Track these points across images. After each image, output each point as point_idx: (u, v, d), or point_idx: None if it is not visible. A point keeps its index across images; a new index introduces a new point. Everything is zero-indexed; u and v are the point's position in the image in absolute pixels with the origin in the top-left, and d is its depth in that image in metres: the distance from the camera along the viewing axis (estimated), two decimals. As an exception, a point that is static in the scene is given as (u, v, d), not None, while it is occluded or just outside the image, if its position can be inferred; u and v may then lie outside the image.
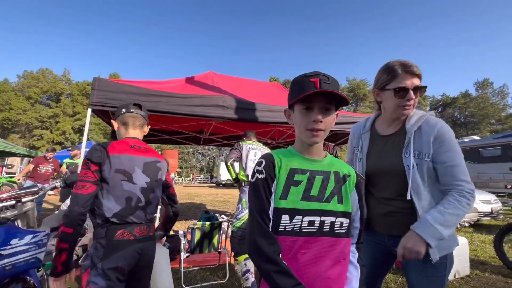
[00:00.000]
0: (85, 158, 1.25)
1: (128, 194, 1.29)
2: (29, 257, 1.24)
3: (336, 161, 0.94)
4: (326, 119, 0.84)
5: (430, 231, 1.00)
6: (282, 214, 0.82)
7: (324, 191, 0.85)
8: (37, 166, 5.61)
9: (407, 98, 1.09)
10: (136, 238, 1.29)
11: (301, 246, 0.81)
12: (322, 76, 0.82)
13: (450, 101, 45.99)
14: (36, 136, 40.31)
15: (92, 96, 2.84)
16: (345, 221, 0.86)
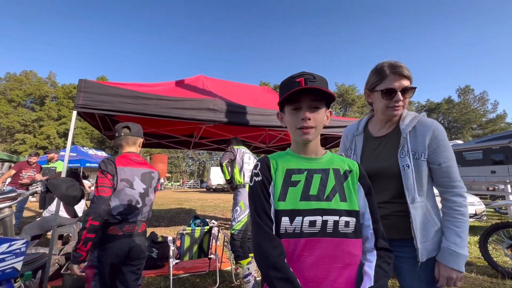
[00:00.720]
0: (101, 169, 1.64)
1: (130, 197, 1.70)
2: (5, 267, 1.16)
3: (336, 158, 0.91)
4: (315, 116, 0.84)
5: (457, 259, 1.02)
6: (282, 216, 0.81)
7: (324, 190, 0.83)
8: (19, 172, 5.37)
9: (395, 100, 1.10)
10: (124, 233, 1.65)
11: (304, 248, 0.78)
12: (307, 75, 0.83)
13: (434, 106, 47.64)
14: (18, 140, 38.73)
15: (78, 98, 2.75)
16: (351, 220, 0.81)
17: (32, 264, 2.48)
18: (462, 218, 1.06)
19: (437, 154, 1.08)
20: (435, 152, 1.08)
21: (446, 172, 1.08)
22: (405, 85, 1.09)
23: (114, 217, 1.63)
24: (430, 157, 1.09)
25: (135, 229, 1.72)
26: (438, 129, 1.10)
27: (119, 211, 1.65)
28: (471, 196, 6.54)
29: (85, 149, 14.35)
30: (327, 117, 0.90)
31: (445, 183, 1.09)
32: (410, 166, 1.08)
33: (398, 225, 1.12)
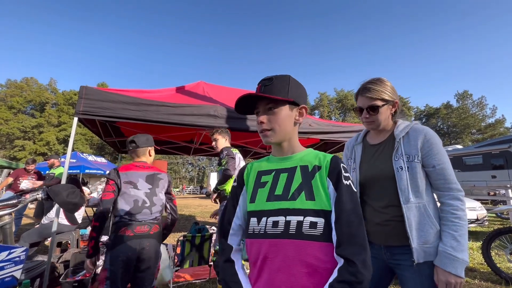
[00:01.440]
0: (106, 178, 1.81)
1: (135, 197, 1.80)
2: (4, 276, 1.15)
3: (310, 155, 0.87)
4: (271, 118, 0.85)
5: (456, 263, 1.01)
6: (251, 217, 0.83)
7: (289, 189, 0.81)
8: (17, 179, 5.31)
9: (363, 116, 1.26)
10: (135, 234, 1.72)
11: (269, 251, 0.76)
12: (266, 80, 0.86)
13: (433, 111, 47.86)
14: (18, 147, 38.67)
15: (79, 104, 2.77)
16: (318, 221, 0.74)
17: (30, 272, 2.45)
18: (459, 221, 1.06)
19: (430, 157, 1.12)
20: (428, 155, 1.12)
21: (441, 174, 1.11)
22: (370, 104, 1.22)
23: (122, 218, 1.73)
24: (424, 160, 1.13)
25: (147, 230, 1.77)
26: (430, 133, 1.15)
27: (126, 211, 1.75)
28: (472, 201, 6.51)
29: (84, 155, 14.31)
30: (300, 114, 0.89)
31: (441, 185, 1.11)
32: (403, 168, 1.13)
33: (398, 232, 1.12)
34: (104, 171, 13.95)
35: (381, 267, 1.22)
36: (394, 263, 1.16)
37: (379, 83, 1.23)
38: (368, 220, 1.23)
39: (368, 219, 1.23)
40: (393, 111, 1.26)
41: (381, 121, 1.23)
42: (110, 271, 1.62)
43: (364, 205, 1.25)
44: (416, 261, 1.07)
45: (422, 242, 1.08)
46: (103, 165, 14.64)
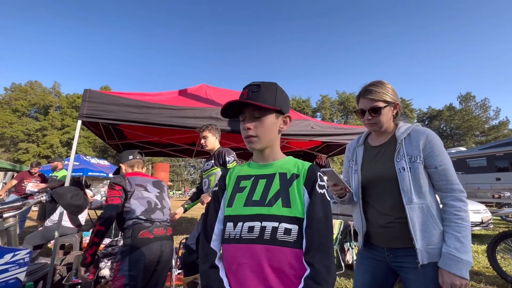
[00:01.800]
0: (110, 184, 1.77)
1: (148, 199, 1.84)
2: (8, 278, 1.16)
3: (289, 162, 0.89)
4: (257, 125, 0.85)
5: (460, 265, 1.00)
6: (227, 222, 0.84)
7: (266, 195, 0.82)
8: (21, 182, 5.33)
9: (365, 118, 1.26)
10: (155, 236, 1.70)
11: (243, 255, 0.77)
12: (253, 86, 0.86)
13: (436, 113, 47.64)
14: (22, 149, 38.99)
15: (83, 108, 2.79)
16: (293, 228, 0.76)
17: (33, 275, 2.46)
18: (462, 222, 1.05)
19: (432, 158, 1.12)
20: (430, 156, 1.13)
21: (443, 175, 1.11)
22: (372, 106, 1.23)
23: (138, 219, 1.71)
24: (426, 161, 1.14)
25: (164, 233, 1.78)
26: (431, 135, 1.16)
27: (142, 211, 1.75)
28: (477, 203, 6.44)
29: (87, 158, 14.41)
30: (284, 122, 0.91)
31: (443, 186, 1.11)
32: (405, 168, 1.13)
33: (401, 233, 1.12)
34: (107, 174, 14.01)
35: (384, 269, 1.21)
36: (398, 266, 1.16)
37: (380, 85, 1.24)
38: (371, 222, 1.22)
39: (370, 221, 1.23)
40: (394, 112, 1.27)
41: (383, 122, 1.24)
42: (129, 276, 1.53)
43: (367, 207, 1.25)
44: (421, 262, 1.06)
45: (426, 243, 1.07)
46: (106, 168, 14.71)
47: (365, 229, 1.24)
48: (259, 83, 0.86)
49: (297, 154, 6.66)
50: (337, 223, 3.98)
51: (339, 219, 4.42)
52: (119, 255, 1.61)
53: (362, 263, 1.29)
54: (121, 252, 1.60)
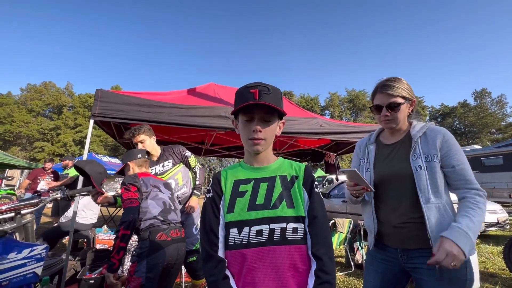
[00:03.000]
0: (125, 185, 1.73)
1: (163, 200, 1.85)
2: (27, 272, 1.20)
3: (285, 164, 0.93)
4: (266, 129, 0.86)
5: (466, 240, 0.97)
6: (231, 228, 0.82)
7: (270, 198, 0.84)
8: (35, 179, 5.48)
9: (382, 114, 1.22)
10: (172, 238, 1.69)
11: (254, 259, 0.78)
12: (262, 87, 0.84)
13: (449, 111, 46.28)
14: (37, 148, 40.33)
15: (95, 107, 2.85)
16: (299, 227, 0.82)
17: (49, 269, 2.54)
18: (479, 210, 1.03)
19: (450, 157, 1.11)
20: (447, 155, 1.11)
21: (461, 174, 1.09)
22: (390, 101, 1.19)
23: (156, 220, 1.70)
24: (443, 160, 1.12)
25: (179, 235, 1.78)
26: (448, 134, 1.15)
27: (159, 211, 1.76)
28: (493, 203, 6.25)
29: (99, 157, 14.76)
30: (279, 127, 0.93)
31: (462, 185, 1.09)
32: (422, 167, 1.11)
33: (416, 234, 1.10)
34: (118, 172, 14.29)
35: (396, 270, 1.19)
36: (412, 267, 1.13)
37: (398, 81, 1.21)
38: (383, 222, 1.20)
39: (382, 221, 1.20)
40: (410, 110, 1.24)
41: (400, 119, 1.21)
42: (147, 278, 1.52)
43: (379, 206, 1.23)
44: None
45: None
46: (118, 166, 15.02)
47: (377, 229, 1.21)
48: (268, 86, 0.85)
49: (306, 152, 6.61)
50: (346, 222, 3.94)
51: (348, 218, 4.37)
52: (136, 257, 1.59)
53: (372, 264, 1.26)
54: (139, 254, 1.59)
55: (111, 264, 1.54)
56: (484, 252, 4.64)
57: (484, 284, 3.11)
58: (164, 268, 1.62)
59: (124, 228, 1.57)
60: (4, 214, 1.28)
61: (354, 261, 3.77)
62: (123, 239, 1.55)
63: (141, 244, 1.62)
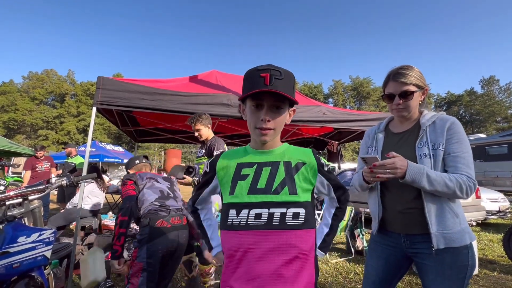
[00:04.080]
0: (122, 182, 1.88)
1: (160, 188, 1.92)
2: (36, 255, 1.24)
3: (291, 150, 0.89)
4: (276, 118, 0.81)
5: (417, 171, 1.04)
6: (230, 209, 0.82)
7: (272, 183, 0.82)
8: (34, 168, 5.38)
9: (394, 103, 1.21)
10: (172, 225, 1.73)
11: (251, 242, 0.77)
12: (274, 70, 0.78)
13: (455, 99, 45.53)
14: (41, 136, 40.72)
15: (97, 95, 2.84)
16: (300, 211, 0.79)
17: (58, 253, 2.63)
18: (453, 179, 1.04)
19: (449, 144, 1.12)
20: (447, 143, 1.13)
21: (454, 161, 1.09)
22: (403, 89, 1.18)
23: (153, 205, 1.76)
24: (445, 147, 1.13)
25: (180, 222, 1.81)
26: (456, 123, 1.15)
27: (156, 197, 1.83)
28: (495, 192, 6.25)
29: (103, 145, 14.89)
30: (289, 115, 0.89)
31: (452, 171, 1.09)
32: (427, 155, 1.12)
33: (419, 220, 1.11)
34: (122, 160, 14.48)
35: (398, 256, 1.22)
36: (414, 252, 1.15)
37: (411, 69, 1.20)
38: (388, 208, 1.21)
39: (387, 207, 1.21)
40: (422, 98, 1.23)
41: (412, 108, 1.20)
42: (147, 263, 1.58)
43: (385, 193, 1.23)
44: (436, 247, 1.05)
45: (441, 228, 1.06)
46: (121, 154, 15.18)
47: (381, 215, 1.23)
48: (280, 70, 0.79)
49: (308, 141, 6.60)
50: (348, 210, 3.98)
51: (349, 205, 4.42)
52: (137, 243, 1.65)
53: (376, 250, 1.29)
54: (139, 240, 1.64)
55: (114, 251, 1.58)
56: (484, 240, 4.69)
57: (482, 270, 3.16)
58: (164, 255, 1.66)
59: (122, 215, 1.62)
60: (12, 200, 1.31)
61: (354, 247, 3.85)
62: (122, 225, 1.60)
63: (141, 231, 1.67)
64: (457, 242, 1.05)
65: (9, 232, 1.16)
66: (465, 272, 1.05)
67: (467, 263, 1.05)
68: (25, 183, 5.67)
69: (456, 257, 1.05)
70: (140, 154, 33.89)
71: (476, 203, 5.22)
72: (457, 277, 1.05)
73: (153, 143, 8.76)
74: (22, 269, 1.19)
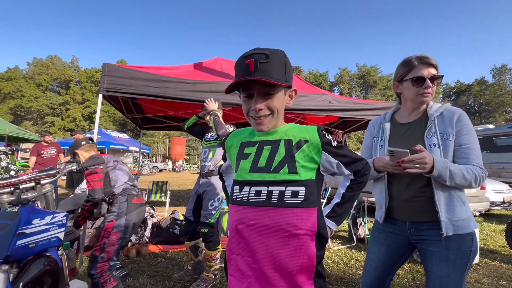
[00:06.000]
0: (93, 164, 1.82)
1: (126, 170, 2.22)
2: (50, 236, 1.30)
3: (294, 129, 0.87)
4: (269, 103, 0.79)
5: (442, 164, 1.04)
6: (235, 185, 0.88)
7: (272, 162, 0.81)
8: (39, 154, 5.39)
9: (424, 86, 1.16)
10: (142, 203, 2.12)
11: (250, 217, 0.80)
12: (259, 55, 0.74)
13: (464, 88, 44.42)
14: (48, 123, 41.21)
15: (103, 82, 2.85)
16: (300, 190, 0.78)
17: (68, 236, 2.73)
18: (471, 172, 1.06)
19: (459, 136, 1.13)
20: (458, 134, 1.13)
21: (466, 153, 1.11)
22: (433, 73, 1.16)
23: (127, 184, 2.11)
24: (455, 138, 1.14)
25: (144, 200, 2.20)
26: (464, 114, 1.16)
27: (127, 178, 2.15)
28: (500, 183, 6.21)
29: (108, 132, 15.04)
30: (290, 96, 0.86)
31: (465, 163, 1.11)
32: (436, 145, 1.13)
33: (427, 208, 1.13)
34: (127, 147, 14.65)
35: (401, 243, 1.24)
36: (419, 239, 1.18)
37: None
38: (395, 197, 1.22)
39: (393, 196, 1.23)
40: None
41: (434, 94, 1.20)
42: (124, 231, 1.92)
43: (392, 182, 1.24)
44: (445, 234, 1.07)
45: (450, 215, 1.09)
46: (126, 141, 15.35)
47: (388, 204, 1.24)
48: (266, 52, 0.75)
49: (313, 129, 6.56)
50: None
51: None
52: (114, 216, 1.93)
53: (379, 237, 1.31)
54: (118, 214, 1.95)
55: (77, 225, 2.14)
56: (486, 230, 4.71)
57: (483, 259, 3.20)
58: (136, 224, 2.03)
59: (91, 205, 2.01)
60: (25, 184, 1.35)
61: (356, 235, 3.91)
62: (89, 211, 2.06)
63: (119, 206, 1.98)
64: (464, 229, 1.09)
65: (24, 214, 1.20)
66: (468, 257, 1.09)
67: (471, 248, 1.09)
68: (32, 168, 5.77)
69: (461, 243, 1.08)
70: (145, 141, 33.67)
71: (481, 193, 5.20)
72: (461, 262, 1.08)
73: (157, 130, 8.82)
74: (38, 249, 1.24)
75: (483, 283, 2.60)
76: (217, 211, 2.48)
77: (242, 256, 0.81)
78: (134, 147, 15.19)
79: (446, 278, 1.08)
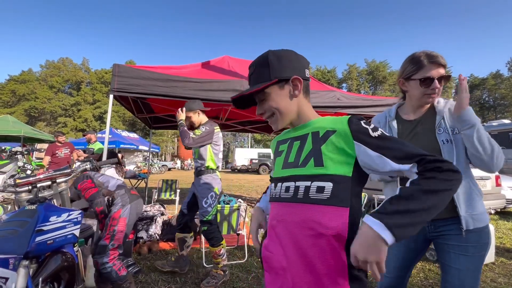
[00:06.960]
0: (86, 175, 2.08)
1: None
2: (67, 233, 1.34)
3: (324, 120, 0.83)
4: (265, 105, 0.85)
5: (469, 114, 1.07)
6: (272, 183, 0.94)
7: (300, 156, 0.81)
8: (54, 154, 5.53)
9: (432, 87, 1.14)
10: (138, 195, 2.19)
11: (281, 213, 0.83)
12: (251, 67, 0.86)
13: (478, 82, 42.93)
14: (61, 123, 42.33)
15: (113, 82, 2.91)
16: (326, 185, 0.73)
17: (82, 233, 2.80)
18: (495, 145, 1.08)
19: None
20: None
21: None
22: (442, 73, 1.14)
23: (119, 180, 2.24)
24: None
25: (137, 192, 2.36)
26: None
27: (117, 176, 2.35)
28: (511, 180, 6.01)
29: (118, 131, 15.34)
30: (295, 86, 0.83)
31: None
32: (448, 141, 1.13)
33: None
34: (137, 146, 14.91)
35: (418, 240, 1.24)
36: (437, 235, 1.18)
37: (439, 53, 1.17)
38: None
39: None
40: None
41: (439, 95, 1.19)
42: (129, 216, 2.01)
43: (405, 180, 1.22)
44: (465, 228, 1.08)
45: (470, 210, 1.09)
46: (136, 140, 15.62)
47: None
48: (254, 62, 0.85)
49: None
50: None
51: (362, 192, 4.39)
52: (120, 205, 1.98)
53: None
54: (122, 203, 2.01)
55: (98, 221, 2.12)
56: (502, 228, 4.58)
57: (499, 258, 3.11)
58: (137, 213, 2.10)
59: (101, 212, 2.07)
60: (42, 182, 1.40)
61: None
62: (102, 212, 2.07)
63: (121, 198, 2.03)
64: (482, 222, 1.10)
65: (42, 211, 1.25)
66: (485, 249, 1.11)
67: (487, 240, 1.11)
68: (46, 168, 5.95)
69: (479, 236, 1.09)
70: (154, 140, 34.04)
71: (496, 191, 5.06)
72: (479, 254, 1.10)
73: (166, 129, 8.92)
74: (55, 245, 1.28)
75: (499, 283, 2.54)
76: (213, 208, 2.53)
77: (276, 253, 0.82)
78: (143, 146, 15.44)
79: (466, 270, 1.09)
